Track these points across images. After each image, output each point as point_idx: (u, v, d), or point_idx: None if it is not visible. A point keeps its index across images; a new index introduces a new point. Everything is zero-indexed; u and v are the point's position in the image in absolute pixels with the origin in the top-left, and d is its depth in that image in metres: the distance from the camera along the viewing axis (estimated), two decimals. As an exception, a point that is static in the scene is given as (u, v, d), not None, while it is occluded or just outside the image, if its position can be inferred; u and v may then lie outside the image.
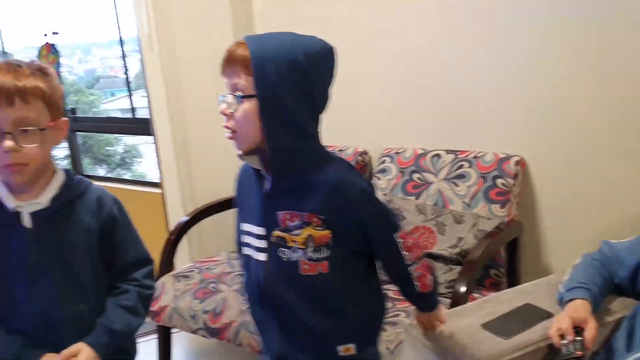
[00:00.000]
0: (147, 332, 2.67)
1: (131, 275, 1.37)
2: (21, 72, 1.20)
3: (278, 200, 1.19)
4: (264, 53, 1.11)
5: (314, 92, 1.14)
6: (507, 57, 2.10)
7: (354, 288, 1.25)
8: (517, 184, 2.07)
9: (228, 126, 1.16)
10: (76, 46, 4.31)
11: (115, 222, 1.35)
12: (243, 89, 1.13)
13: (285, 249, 1.19)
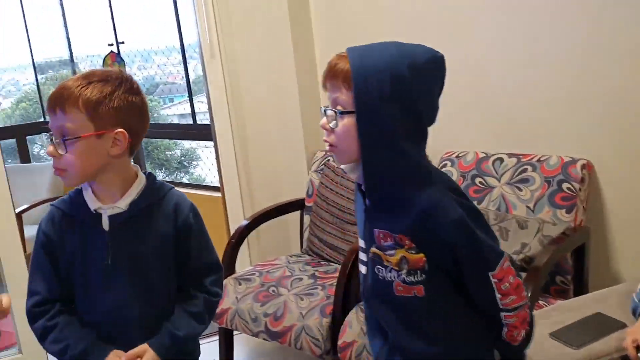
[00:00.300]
0: (209, 333, 2.74)
1: (202, 281, 1.40)
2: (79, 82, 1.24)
3: (375, 217, 1.17)
4: (365, 67, 1.07)
5: (419, 105, 1.10)
6: (572, 58, 2.04)
7: (453, 315, 1.18)
8: (583, 189, 2.01)
9: (328, 140, 1.14)
10: (136, 53, 4.44)
11: (190, 230, 1.37)
12: (344, 104, 1.10)
13: (382, 267, 1.17)
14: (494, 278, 1.11)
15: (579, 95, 2.05)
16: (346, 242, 2.38)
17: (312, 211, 2.57)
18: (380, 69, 1.07)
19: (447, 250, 1.11)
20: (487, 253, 1.12)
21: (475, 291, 1.15)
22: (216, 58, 2.67)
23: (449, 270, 1.14)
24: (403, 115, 1.08)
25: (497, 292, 1.12)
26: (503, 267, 1.12)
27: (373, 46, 1.13)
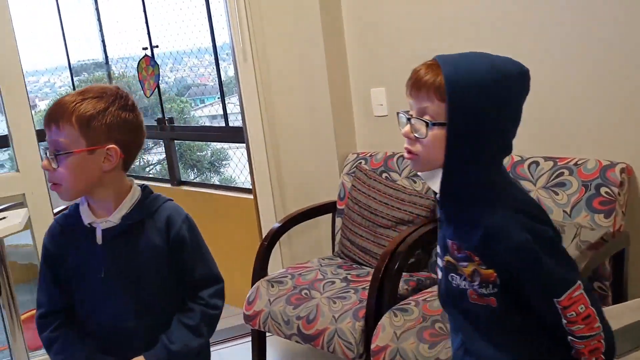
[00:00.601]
0: (242, 335, 2.77)
1: (199, 294, 1.40)
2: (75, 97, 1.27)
3: (448, 228, 1.18)
4: (460, 80, 1.06)
5: (507, 119, 1.10)
6: (610, 58, 2.00)
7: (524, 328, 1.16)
8: (622, 193, 1.96)
9: (411, 149, 1.13)
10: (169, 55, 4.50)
11: (183, 242, 1.37)
12: (434, 115, 1.08)
13: (456, 275, 1.17)
14: (560, 305, 1.09)
15: (617, 97, 2.01)
16: (378, 245, 2.38)
17: (344, 214, 2.57)
18: (475, 82, 1.06)
19: (513, 271, 1.10)
20: (554, 279, 1.10)
21: (540, 312, 1.14)
22: (249, 61, 2.69)
23: (519, 288, 1.13)
24: (494, 129, 1.08)
25: (564, 317, 1.11)
26: (572, 296, 1.09)
27: (463, 57, 1.11)
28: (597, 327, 1.11)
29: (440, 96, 1.07)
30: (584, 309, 1.10)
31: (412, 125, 1.11)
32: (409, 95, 1.14)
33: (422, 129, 1.10)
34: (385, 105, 2.70)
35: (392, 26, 2.59)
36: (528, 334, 1.16)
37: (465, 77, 1.06)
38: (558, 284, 1.09)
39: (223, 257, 3.59)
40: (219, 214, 3.43)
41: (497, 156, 1.12)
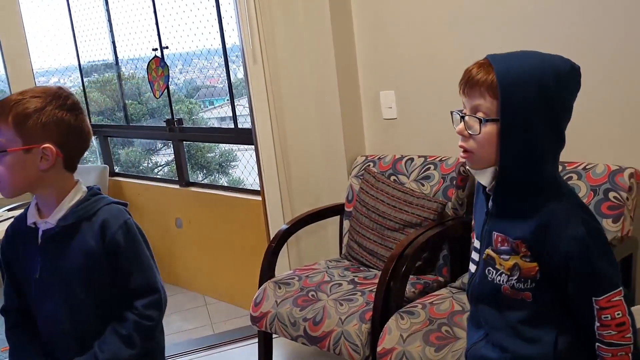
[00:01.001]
0: (249, 336, 2.78)
1: (134, 303, 1.36)
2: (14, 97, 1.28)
3: (497, 221, 1.20)
4: (511, 77, 1.09)
5: (560, 115, 1.13)
6: (619, 62, 1.99)
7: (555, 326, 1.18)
8: (631, 198, 1.96)
9: (465, 147, 1.16)
10: (178, 57, 4.52)
11: (117, 248, 1.34)
12: (487, 112, 1.12)
13: (493, 269, 1.20)
14: (597, 304, 1.11)
15: (626, 102, 2.01)
16: (385, 248, 2.38)
17: (352, 216, 2.58)
18: (526, 79, 1.09)
19: (561, 264, 1.12)
20: (599, 278, 1.11)
21: (577, 311, 1.15)
22: (258, 64, 2.70)
23: (559, 284, 1.14)
24: (546, 124, 1.11)
25: (597, 320, 1.12)
26: (611, 299, 1.11)
27: (515, 55, 1.15)
28: (628, 338, 1.11)
29: (492, 93, 1.11)
30: (620, 316, 1.11)
31: (466, 122, 1.15)
32: (462, 94, 1.17)
33: (475, 126, 1.13)
34: (394, 108, 2.70)
35: (401, 29, 2.59)
36: (557, 333, 1.17)
37: (516, 73, 1.09)
38: (601, 283, 1.11)
39: (231, 258, 3.62)
40: (227, 215, 3.44)
41: (553, 150, 1.15)
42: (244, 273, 2.89)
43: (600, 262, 1.11)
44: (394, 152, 2.64)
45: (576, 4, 2.05)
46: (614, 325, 1.11)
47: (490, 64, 1.12)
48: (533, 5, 2.16)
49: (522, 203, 1.15)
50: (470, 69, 1.15)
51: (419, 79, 2.58)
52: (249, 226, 3.23)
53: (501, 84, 1.09)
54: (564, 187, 1.18)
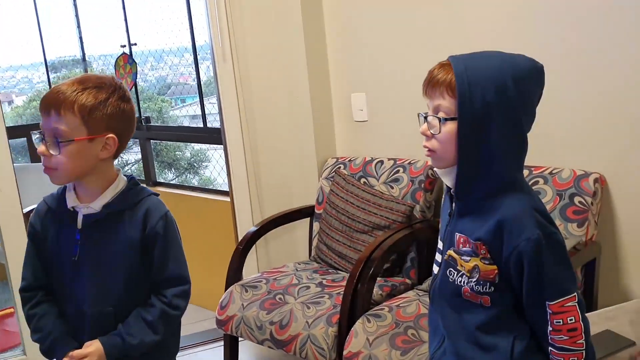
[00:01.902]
0: (215, 339, 2.74)
1: (164, 292, 1.40)
2: (75, 86, 1.31)
3: (459, 222, 1.20)
4: (469, 76, 1.10)
5: (520, 114, 1.12)
6: (585, 70, 2.02)
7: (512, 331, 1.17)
8: (596, 203, 1.98)
9: (428, 146, 1.17)
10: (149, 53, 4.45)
11: (156, 238, 1.38)
12: (447, 112, 1.13)
13: (454, 271, 1.20)
14: (550, 309, 1.11)
15: (592, 108, 2.03)
16: (355, 250, 2.37)
17: (322, 218, 2.56)
18: (485, 78, 1.10)
19: (516, 265, 1.12)
20: (551, 282, 1.11)
21: (531, 315, 1.15)
22: (228, 61, 2.67)
23: (516, 288, 1.14)
24: (505, 124, 1.11)
25: (550, 324, 1.12)
26: (564, 304, 1.11)
27: (476, 55, 1.15)
28: (580, 344, 1.12)
29: (451, 93, 1.11)
30: (573, 321, 1.11)
31: (428, 122, 1.16)
32: (425, 95, 1.18)
33: (436, 125, 1.14)
34: (365, 111, 2.70)
35: (373, 32, 2.59)
36: (513, 339, 1.17)
37: (475, 73, 1.10)
38: (555, 287, 1.11)
39: (198, 260, 3.55)
40: (195, 216, 3.39)
41: (514, 152, 1.14)
42: (212, 275, 2.85)
43: (555, 266, 1.11)
44: (365, 154, 2.64)
45: (545, 9, 2.07)
46: (566, 330, 1.11)
47: (451, 64, 1.13)
48: (503, 9, 2.17)
49: (482, 203, 1.15)
50: (432, 70, 1.16)
51: (390, 82, 2.58)
52: (218, 228, 3.19)
53: (459, 83, 1.09)
54: (525, 189, 1.17)
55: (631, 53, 1.90)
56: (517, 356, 1.17)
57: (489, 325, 1.18)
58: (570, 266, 1.14)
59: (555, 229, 1.14)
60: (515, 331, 1.17)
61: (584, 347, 1.12)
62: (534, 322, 1.16)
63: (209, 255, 3.30)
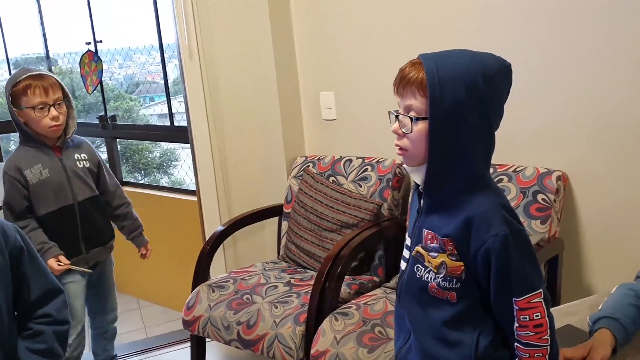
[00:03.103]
0: (181, 340, 2.71)
1: (43, 311, 1.26)
2: None
3: (427, 219, 1.20)
4: (441, 75, 1.10)
5: (490, 113, 1.13)
6: (550, 70, 2.05)
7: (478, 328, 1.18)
8: (558, 200, 2.02)
9: (400, 145, 1.17)
10: (117, 51, 4.38)
11: (21, 252, 1.25)
12: (418, 111, 1.13)
13: (421, 267, 1.20)
14: (516, 305, 1.12)
15: (555, 108, 2.06)
16: (323, 249, 2.37)
17: (290, 217, 2.55)
18: (455, 76, 1.10)
19: (483, 261, 1.12)
20: (519, 278, 1.12)
21: (497, 311, 1.16)
22: (195, 59, 2.64)
23: (482, 284, 1.15)
24: (475, 123, 1.12)
25: (516, 320, 1.13)
26: (531, 300, 1.12)
27: (447, 54, 1.15)
28: (545, 339, 1.13)
29: (423, 92, 1.11)
30: (539, 317, 1.12)
31: (400, 121, 1.16)
32: (396, 94, 1.18)
33: (408, 124, 1.14)
34: (334, 109, 2.70)
35: (341, 30, 2.59)
36: (479, 336, 1.18)
37: (445, 71, 1.10)
38: (521, 284, 1.12)
39: (166, 261, 3.53)
40: (162, 216, 3.35)
41: (482, 149, 1.15)
42: (180, 276, 2.82)
43: (521, 262, 1.12)
44: (333, 153, 2.64)
45: (511, 8, 2.10)
46: (532, 327, 1.12)
47: (421, 63, 1.13)
48: (469, 8, 2.19)
49: (450, 200, 1.16)
50: (403, 68, 1.16)
51: (358, 81, 2.59)
52: (185, 227, 3.16)
53: (430, 82, 1.10)
54: (492, 187, 1.19)
55: (593, 53, 1.94)
56: (481, 351, 1.18)
57: (454, 321, 1.19)
58: (536, 263, 1.16)
59: (521, 226, 1.15)
60: (480, 327, 1.19)
61: (548, 342, 1.14)
62: (501, 318, 1.17)
63: (177, 256, 3.26)
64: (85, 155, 2.15)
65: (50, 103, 1.98)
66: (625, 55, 1.87)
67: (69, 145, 2.13)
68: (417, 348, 1.26)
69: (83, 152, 2.16)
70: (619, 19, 1.87)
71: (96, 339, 2.35)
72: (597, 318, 1.43)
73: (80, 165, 2.12)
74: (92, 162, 2.17)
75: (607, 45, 1.90)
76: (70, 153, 2.12)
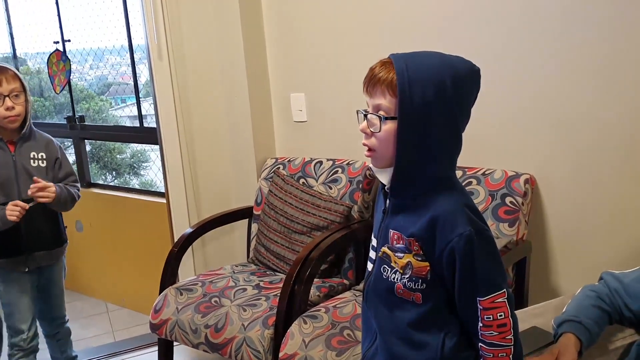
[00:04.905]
0: (149, 344, 2.66)
1: None
2: None
3: (393, 219, 1.20)
4: (411, 76, 1.09)
5: (457, 117, 1.13)
6: (518, 75, 2.07)
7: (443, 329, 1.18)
8: (526, 203, 2.04)
9: (367, 144, 1.17)
10: (88, 52, 4.31)
11: None
12: (387, 110, 1.12)
13: (388, 267, 1.20)
14: (480, 305, 1.12)
15: (524, 111, 2.09)
16: (292, 251, 2.35)
17: (260, 219, 2.53)
18: (425, 77, 1.10)
19: (448, 261, 1.12)
20: (482, 278, 1.12)
21: (462, 311, 1.17)
22: (164, 60, 2.60)
23: (448, 285, 1.15)
24: (443, 124, 1.11)
25: (480, 320, 1.13)
26: (495, 300, 1.12)
27: (417, 55, 1.15)
28: (509, 339, 1.13)
29: (392, 92, 1.11)
30: (502, 317, 1.12)
31: (368, 120, 1.15)
32: (365, 93, 1.17)
33: (376, 124, 1.14)
34: (305, 111, 2.69)
35: (312, 32, 2.58)
36: (445, 337, 1.18)
37: (415, 72, 1.10)
38: (485, 284, 1.12)
39: (134, 264, 3.47)
40: (130, 218, 3.29)
41: (449, 151, 1.16)
42: (148, 279, 2.77)
43: (486, 262, 1.13)
44: (304, 154, 2.63)
45: (481, 13, 2.11)
46: (496, 326, 1.13)
47: (392, 62, 1.13)
48: (441, 11, 2.20)
49: (416, 200, 1.16)
50: (373, 67, 1.16)
51: (328, 83, 2.58)
52: (154, 230, 3.11)
53: (400, 82, 1.10)
54: (458, 187, 1.19)
55: (560, 58, 1.97)
56: (447, 353, 1.18)
57: (420, 322, 1.18)
58: (500, 262, 1.16)
59: (486, 226, 1.16)
60: (445, 328, 1.18)
61: (512, 342, 1.14)
62: (465, 318, 1.17)
63: (144, 259, 3.21)
64: (44, 154, 2.10)
65: (5, 94, 1.98)
66: (588, 59, 1.90)
67: (27, 141, 2.08)
68: (383, 350, 1.25)
69: (42, 150, 2.11)
70: (583, 23, 1.89)
71: (50, 343, 2.33)
72: (561, 322, 1.44)
73: (34, 164, 2.08)
74: (49, 162, 2.11)
75: (571, 49, 1.93)
76: (26, 149, 2.08)
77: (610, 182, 1.94)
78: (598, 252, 1.99)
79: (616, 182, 1.93)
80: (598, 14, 1.86)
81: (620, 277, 1.48)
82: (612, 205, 1.95)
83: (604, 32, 1.86)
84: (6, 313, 2.14)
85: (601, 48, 1.87)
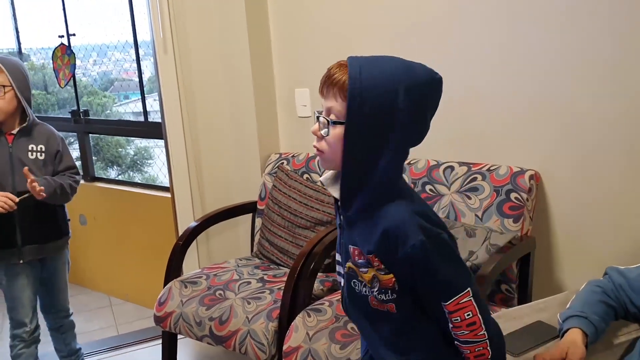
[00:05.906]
0: (153, 337, 2.67)
1: None
2: None
3: (350, 234, 1.17)
4: (363, 81, 1.05)
5: (408, 125, 1.08)
6: (523, 71, 2.07)
7: (424, 332, 1.18)
8: (531, 199, 2.04)
9: (317, 146, 1.14)
10: (92, 48, 4.32)
11: None
12: (337, 114, 1.09)
13: (357, 282, 1.18)
14: (446, 309, 1.11)
15: (529, 108, 2.09)
16: (296, 246, 2.36)
17: (264, 214, 2.54)
18: (377, 85, 1.05)
19: (408, 271, 1.10)
20: (443, 283, 1.11)
21: (432, 315, 1.16)
22: (169, 54, 2.61)
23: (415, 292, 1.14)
24: (390, 132, 1.07)
25: (450, 322, 1.12)
26: (459, 302, 1.10)
27: (375, 60, 1.10)
28: (481, 335, 1.12)
29: (343, 95, 1.07)
30: (470, 316, 1.11)
31: (320, 122, 1.12)
32: (320, 93, 1.13)
33: (326, 127, 1.11)
34: (309, 106, 2.69)
35: (317, 27, 2.58)
36: (427, 340, 1.18)
37: (368, 78, 1.05)
38: (446, 288, 1.11)
39: (138, 257, 3.48)
40: (134, 212, 3.30)
41: (396, 160, 1.11)
42: (152, 272, 2.78)
43: (443, 267, 1.10)
44: (308, 150, 2.63)
45: (486, 9, 2.12)
46: (465, 326, 1.12)
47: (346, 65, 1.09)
48: (447, 7, 2.20)
49: (365, 213, 1.13)
50: (330, 68, 1.12)
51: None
52: (158, 224, 3.12)
53: (351, 87, 1.05)
54: (406, 194, 1.14)
55: (565, 54, 1.97)
56: (435, 353, 1.18)
57: (401, 330, 1.17)
58: (460, 262, 1.14)
59: (440, 229, 1.12)
60: (427, 330, 1.18)
61: (486, 337, 1.13)
62: (438, 321, 1.16)
63: (149, 253, 3.22)
64: (43, 147, 2.09)
65: None
66: (594, 55, 1.90)
67: (27, 134, 2.08)
68: (374, 357, 1.26)
69: (42, 143, 2.10)
70: (589, 19, 1.89)
71: (53, 335, 2.33)
72: (567, 317, 1.44)
73: (31, 157, 2.07)
74: (48, 154, 2.10)
75: (577, 45, 1.93)
76: (24, 142, 2.07)
77: (615, 178, 1.94)
78: (602, 247, 1.99)
79: (621, 178, 1.93)
80: (604, 10, 1.86)
81: (625, 273, 1.48)
82: (617, 201, 1.95)
83: (610, 28, 1.86)
84: (9, 306, 2.15)
85: (606, 44, 1.88)
